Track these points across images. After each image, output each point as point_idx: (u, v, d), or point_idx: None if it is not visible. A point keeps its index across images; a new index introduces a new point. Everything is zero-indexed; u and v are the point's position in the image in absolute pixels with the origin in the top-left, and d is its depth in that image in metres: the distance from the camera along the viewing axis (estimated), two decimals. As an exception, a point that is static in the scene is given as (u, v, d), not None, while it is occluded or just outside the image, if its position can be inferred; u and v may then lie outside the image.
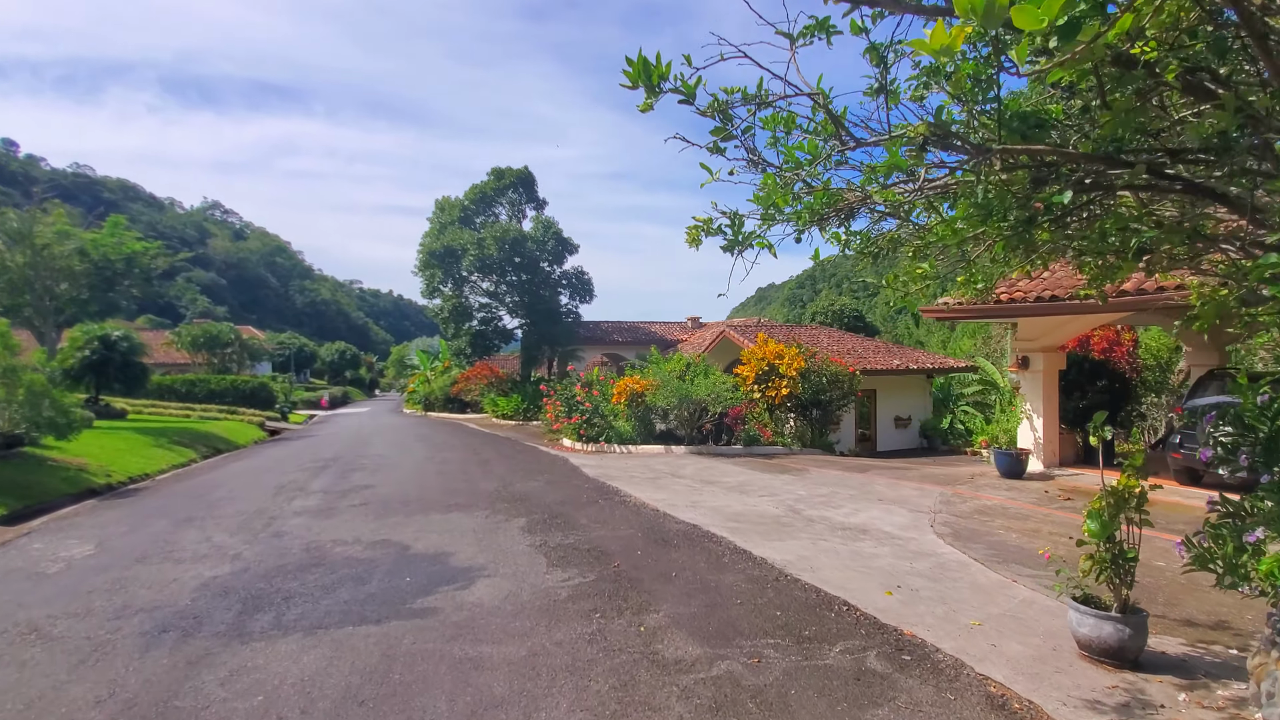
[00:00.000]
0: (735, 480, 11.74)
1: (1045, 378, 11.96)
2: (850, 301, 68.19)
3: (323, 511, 8.68)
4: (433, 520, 8.00)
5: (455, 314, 30.73)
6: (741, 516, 8.51)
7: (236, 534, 7.55)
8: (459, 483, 10.92)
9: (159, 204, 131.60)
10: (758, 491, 10.54)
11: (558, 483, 11.01)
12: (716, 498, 9.94)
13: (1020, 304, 11.07)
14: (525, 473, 12.20)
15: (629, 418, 16.81)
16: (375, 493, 10.02)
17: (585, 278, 31.05)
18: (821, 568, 6.07)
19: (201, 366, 40.37)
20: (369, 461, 14.10)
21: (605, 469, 12.88)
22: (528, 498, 9.49)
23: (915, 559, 6.57)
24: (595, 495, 9.77)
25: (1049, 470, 11.77)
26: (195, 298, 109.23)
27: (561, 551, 6.46)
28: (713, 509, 8.99)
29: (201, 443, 20.37)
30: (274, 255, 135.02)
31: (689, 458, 14.98)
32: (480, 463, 13.71)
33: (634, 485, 10.91)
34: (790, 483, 11.46)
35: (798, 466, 13.57)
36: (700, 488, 10.90)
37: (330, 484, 11.05)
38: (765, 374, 16.83)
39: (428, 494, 9.85)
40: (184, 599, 5.38)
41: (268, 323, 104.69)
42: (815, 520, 8.43)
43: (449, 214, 31.28)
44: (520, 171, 31.61)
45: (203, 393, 34.41)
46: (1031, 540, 7.41)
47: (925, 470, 13.00)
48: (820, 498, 9.99)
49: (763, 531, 7.61)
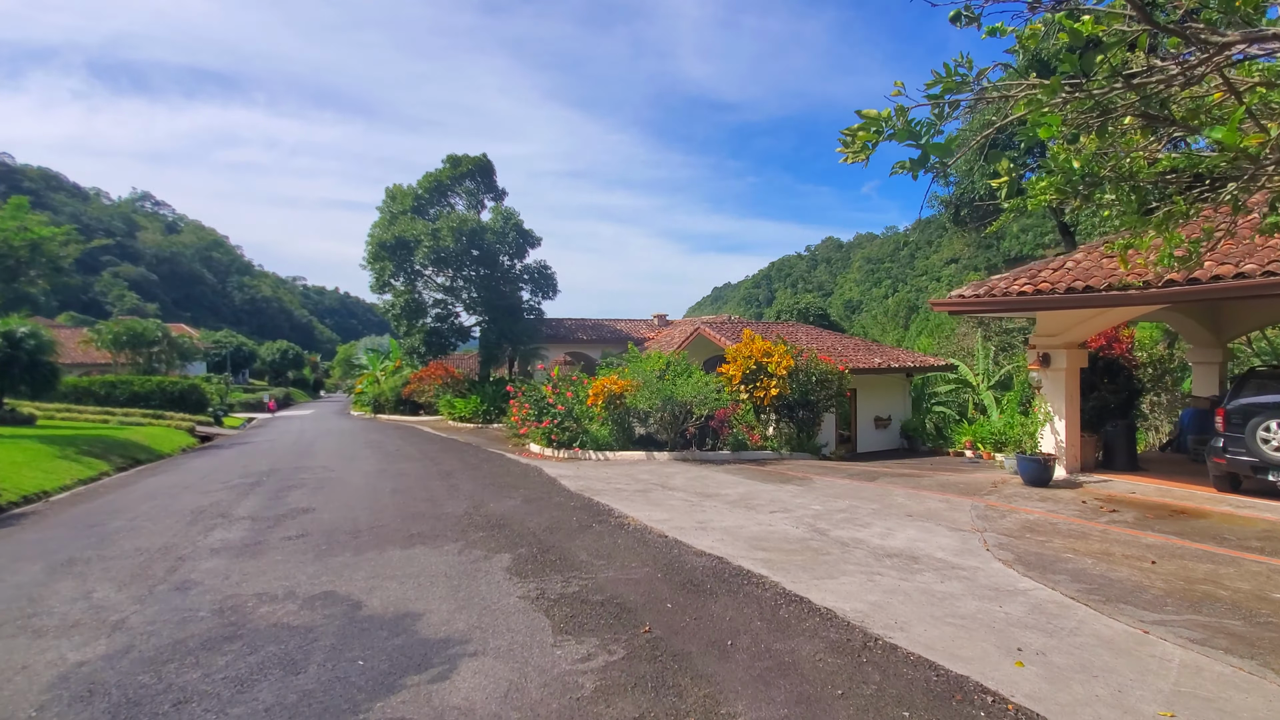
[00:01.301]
0: (736, 492, 10.36)
1: (1068, 376, 10.97)
2: (815, 299, 68.10)
3: (248, 548, 6.86)
4: (390, 559, 6.30)
5: (408, 310, 28.53)
6: (764, 541, 7.10)
7: (128, 585, 5.71)
8: (420, 503, 9.19)
9: (83, 194, 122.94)
10: (767, 506, 9.17)
11: (537, 500, 9.39)
12: (724, 515, 8.52)
13: (1047, 296, 10.00)
14: (497, 487, 10.53)
15: (606, 421, 15.26)
16: (317, 519, 8.21)
17: (548, 272, 29.30)
18: (907, 621, 4.69)
19: (125, 367, 36.80)
20: (310, 476, 12.16)
21: (586, 480, 11.32)
22: (506, 522, 7.86)
23: (1001, 599, 5.28)
24: (586, 517, 8.21)
25: (1073, 477, 10.78)
26: (123, 294, 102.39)
27: (567, 607, 4.89)
28: (726, 531, 7.56)
29: (118, 452, 17.92)
30: (210, 250, 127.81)
31: (675, 465, 13.54)
32: (442, 475, 11.94)
33: (625, 501, 9.39)
34: (798, 494, 10.14)
35: (797, 474, 12.29)
36: (700, 502, 9.47)
37: (261, 507, 9.16)
38: (753, 373, 15.53)
39: (383, 519, 8.10)
40: (24, 710, 3.62)
41: (204, 321, 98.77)
42: (850, 544, 7.09)
43: (401, 203, 29.04)
44: (478, 159, 29.61)
45: (125, 395, 31.22)
46: (1112, 567, 6.23)
47: (938, 478, 11.88)
48: (840, 513, 8.68)
49: (803, 563, 6.21)
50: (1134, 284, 9.16)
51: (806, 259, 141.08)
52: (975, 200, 24.78)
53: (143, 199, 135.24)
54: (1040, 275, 10.61)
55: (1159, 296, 9.10)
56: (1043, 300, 10.13)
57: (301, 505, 9.11)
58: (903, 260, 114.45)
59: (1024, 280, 10.64)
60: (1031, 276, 10.71)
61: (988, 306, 11.17)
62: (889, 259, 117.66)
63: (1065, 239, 24.64)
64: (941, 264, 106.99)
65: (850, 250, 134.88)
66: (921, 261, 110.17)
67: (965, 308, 11.43)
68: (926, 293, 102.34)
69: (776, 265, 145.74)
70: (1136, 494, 9.77)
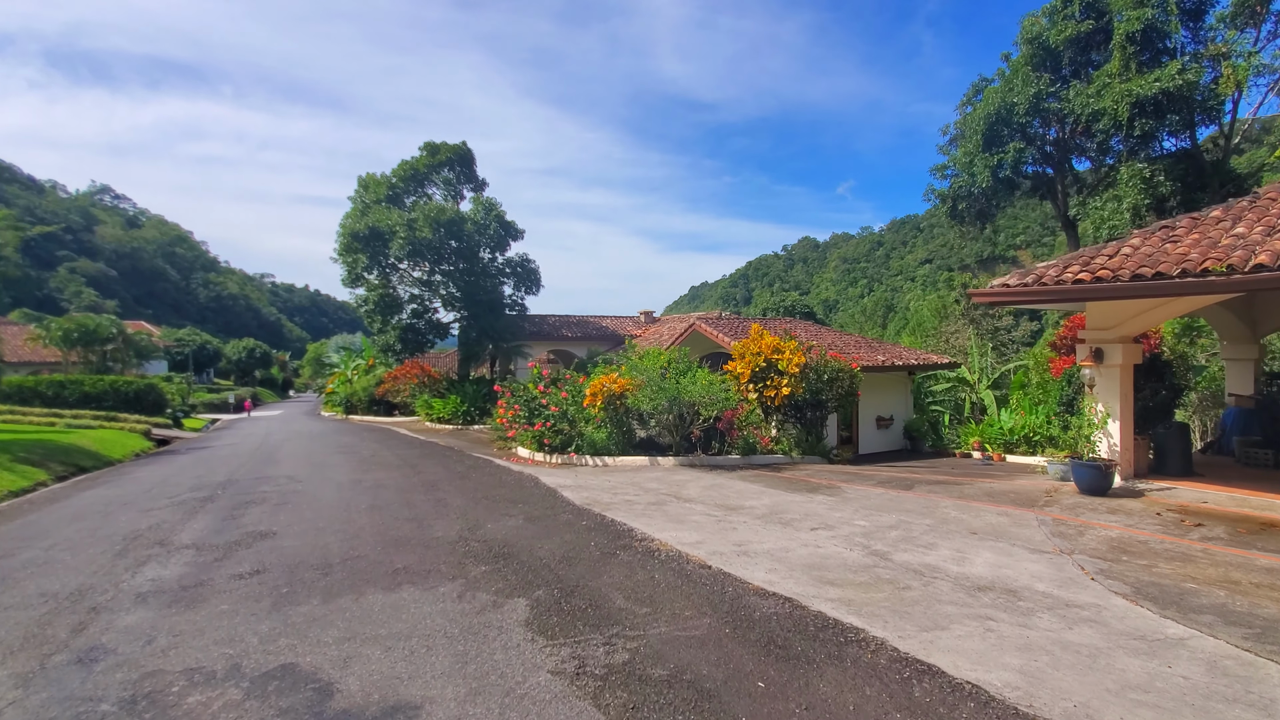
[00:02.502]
0: (762, 504, 9.10)
1: (1123, 373, 9.92)
2: (799, 298, 67.53)
3: (186, 592, 5.37)
4: (371, 607, 4.87)
5: (382, 305, 26.78)
6: (825, 571, 5.84)
7: (14, 655, 4.20)
8: (404, 523, 7.72)
9: (38, 186, 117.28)
10: (804, 522, 7.93)
11: (541, 518, 8.00)
12: (761, 535, 7.25)
13: (1109, 284, 8.90)
14: (491, 501, 9.10)
15: (604, 424, 13.90)
16: (277, 548, 6.71)
17: (531, 266, 27.77)
18: (1085, 700, 3.44)
19: (78, 366, 34.25)
20: (273, 488, 10.58)
21: (590, 491, 9.96)
22: (511, 549, 6.46)
23: (1161, 653, 4.09)
24: (605, 540, 6.85)
25: (1130, 484, 9.73)
26: (80, 290, 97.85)
27: (623, 690, 3.52)
28: (774, 558, 6.29)
29: (60, 459, 16.04)
30: (174, 245, 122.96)
31: (683, 472, 12.24)
32: (426, 487, 10.46)
33: (642, 518, 8.06)
34: (833, 507, 8.91)
35: (820, 481, 11.07)
36: (727, 518, 8.19)
37: (211, 530, 7.62)
38: (763, 371, 14.30)
39: (359, 547, 6.63)
40: None
41: (166, 319, 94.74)
42: (925, 573, 5.87)
43: (375, 192, 27.27)
44: (457, 147, 27.96)
45: (75, 396, 28.90)
46: (1256, 602, 5.12)
47: (979, 486, 10.75)
48: (893, 531, 7.47)
49: (890, 605, 4.95)
50: (1215, 270, 8.12)
51: (783, 258, 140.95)
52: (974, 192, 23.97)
53: (102, 192, 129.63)
54: (1095, 262, 9.53)
55: (1243, 284, 8.04)
56: (1103, 289, 9.03)
57: (260, 528, 7.58)
58: (878, 260, 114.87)
59: (1077, 267, 9.55)
60: (1085, 263, 9.62)
61: (1035, 296, 10.06)
62: (864, 259, 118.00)
63: (1069, 232, 23.97)
64: (916, 264, 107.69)
65: (826, 250, 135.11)
66: (896, 261, 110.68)
67: (1009, 298, 10.32)
68: (901, 292, 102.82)
69: (753, 264, 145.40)
70: (1209, 504, 8.74)
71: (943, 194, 25.90)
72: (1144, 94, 17.61)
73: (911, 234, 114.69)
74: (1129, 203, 17.96)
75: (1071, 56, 20.29)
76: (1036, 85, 20.67)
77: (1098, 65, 20.35)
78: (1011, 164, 21.27)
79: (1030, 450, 17.03)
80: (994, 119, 21.30)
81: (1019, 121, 21.01)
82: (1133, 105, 17.86)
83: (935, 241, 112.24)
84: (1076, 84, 20.53)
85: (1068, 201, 23.11)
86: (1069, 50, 20.13)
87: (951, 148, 26.34)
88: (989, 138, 21.66)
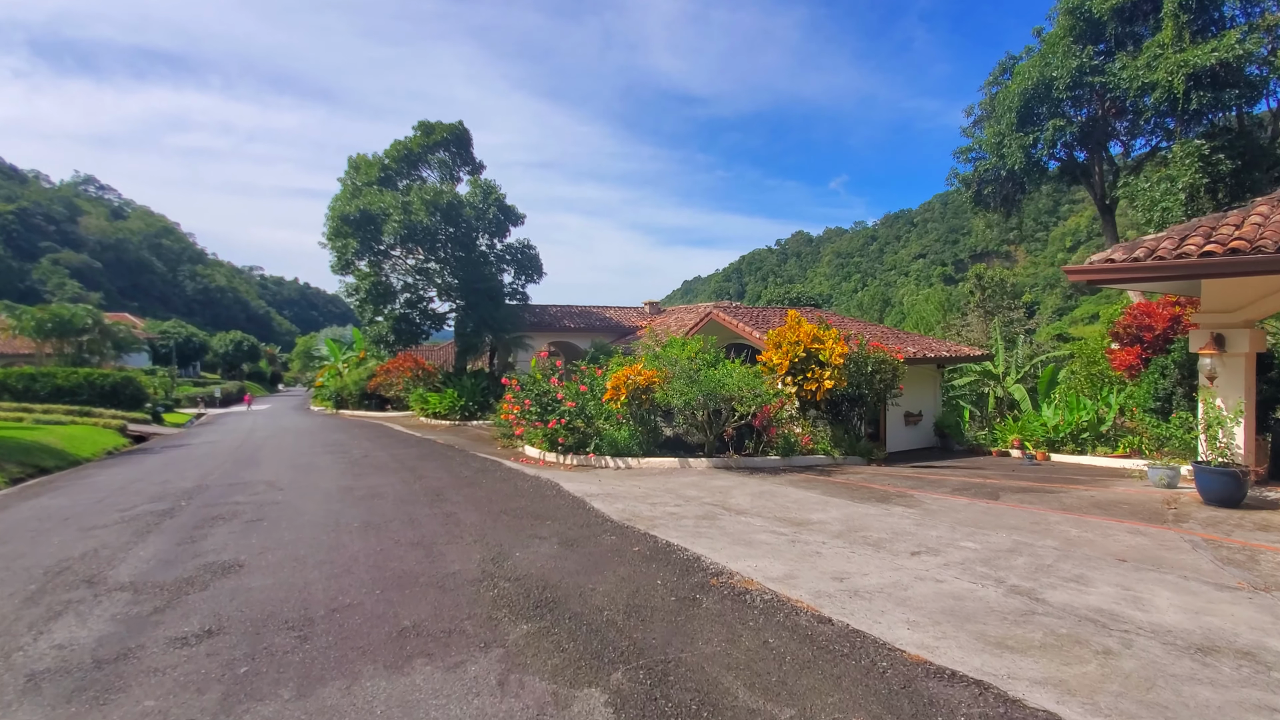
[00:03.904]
0: (831, 518, 7.52)
1: (1247, 364, 8.41)
2: (804, 289, 66.22)
3: (99, 673, 3.68)
4: (370, 710, 3.23)
5: (374, 294, 24.92)
6: (976, 622, 4.27)
7: None
8: (408, 551, 6.05)
9: (20, 176, 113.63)
10: (896, 543, 6.36)
11: (578, 540, 6.36)
12: (855, 562, 5.69)
13: (1246, 258, 7.37)
14: (512, 517, 7.44)
15: (626, 421, 12.27)
16: (241, 590, 5.03)
17: (531, 252, 25.98)
18: None
19: (53, 358, 32.13)
20: (248, 498, 8.86)
21: (622, 501, 8.34)
22: (555, 594, 4.81)
23: None
24: (671, 575, 5.23)
25: (1260, 493, 8.24)
26: (64, 281, 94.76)
27: None
28: (896, 599, 4.75)
29: (18, 459, 14.23)
30: (160, 237, 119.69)
31: (721, 476, 10.63)
32: (431, 496, 8.78)
33: (700, 538, 6.45)
34: (920, 522, 7.35)
35: (886, 489, 9.50)
36: (799, 537, 6.61)
37: (159, 561, 5.91)
38: (802, 362, 12.72)
39: (351, 591, 4.96)
40: None
41: (152, 311, 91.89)
42: (1104, 623, 4.33)
43: (366, 174, 25.38)
44: (453, 127, 26.10)
45: (47, 390, 26.91)
46: None
47: (1077, 494, 9.20)
48: (1015, 556, 5.93)
49: (1124, 691, 3.38)
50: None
51: (776, 253, 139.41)
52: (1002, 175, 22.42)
53: (86, 183, 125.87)
54: (1220, 232, 8.01)
55: None
56: (1242, 263, 7.48)
57: (223, 557, 5.88)
58: (871, 255, 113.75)
59: (1199, 239, 8.01)
60: (1206, 235, 8.10)
61: (1145, 273, 8.50)
62: (858, 253, 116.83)
63: (1105, 217, 22.50)
64: (910, 258, 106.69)
65: (820, 244, 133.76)
66: (890, 256, 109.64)
67: (1113, 275, 8.75)
68: (895, 286, 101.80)
69: (747, 259, 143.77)
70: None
71: (966, 178, 24.38)
72: (1201, 64, 16.12)
73: (905, 228, 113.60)
74: (1184, 182, 16.50)
75: (1115, 28, 18.77)
76: (1079, 58, 19.16)
77: (1142, 38, 18.88)
78: (1049, 143, 19.78)
79: (1078, 449, 15.60)
80: (1030, 95, 19.77)
81: (1058, 97, 19.49)
82: (1189, 77, 16.38)
83: (929, 236, 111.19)
84: (1123, 55, 19.03)
85: (1104, 184, 21.67)
86: (1113, 21, 18.58)
87: (976, 130, 24.85)
88: (1023, 116, 20.15)
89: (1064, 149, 21.53)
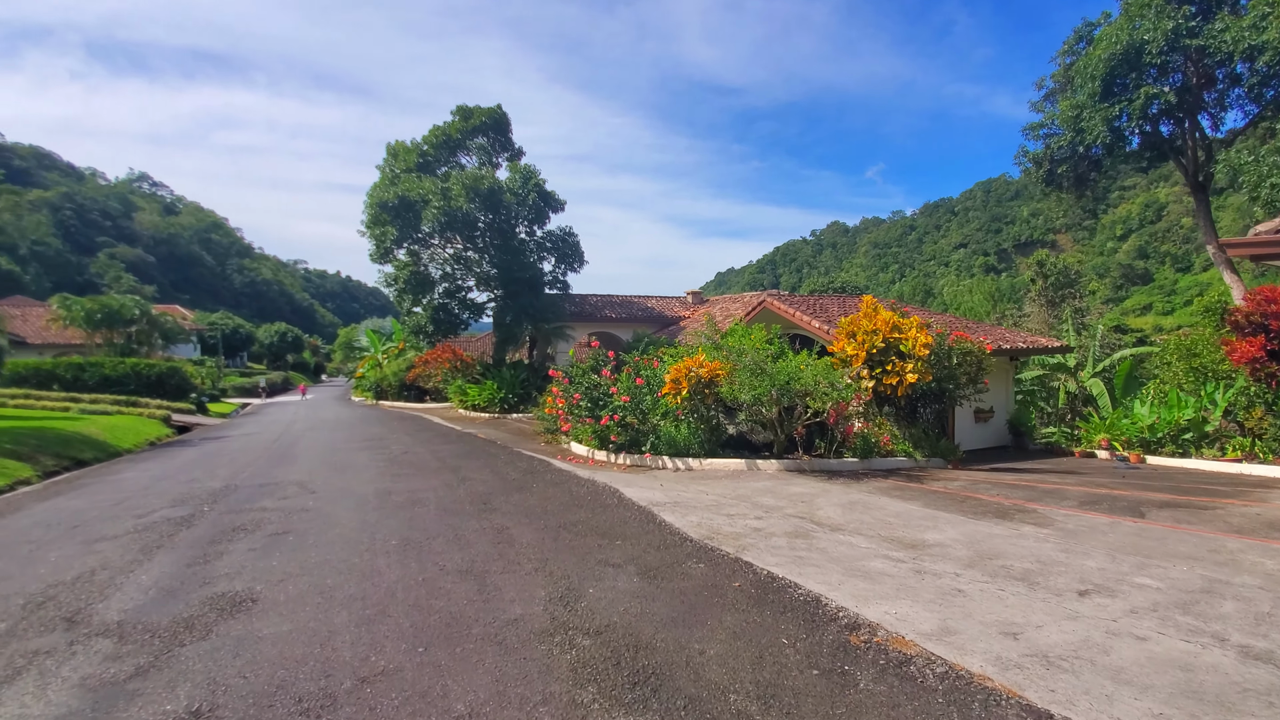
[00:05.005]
0: (951, 540, 6.14)
1: None
2: (847, 278, 64.12)
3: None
4: None
5: (412, 284, 24.07)
6: (1239, 715, 2.92)
7: None
8: (455, 583, 4.90)
9: (78, 174, 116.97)
10: (1050, 577, 5.02)
11: (661, 571, 5.13)
12: (1016, 605, 4.37)
13: None
14: (573, 534, 6.25)
15: (685, 418, 11.01)
16: (247, 641, 3.92)
17: (572, 239, 24.81)
18: None
19: (103, 348, 32.24)
20: (275, 504, 7.86)
21: (694, 512, 7.10)
22: (653, 664, 3.55)
23: None
24: (795, 629, 3.96)
25: None
26: (120, 275, 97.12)
27: None
28: (1104, 670, 3.44)
29: (55, 451, 13.69)
30: (209, 232, 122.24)
31: (797, 481, 9.31)
32: (477, 504, 7.66)
33: (806, 567, 5.17)
34: (1066, 548, 5.94)
35: (999, 500, 8.05)
36: (921, 565, 5.30)
37: (160, 590, 4.87)
38: (881, 353, 11.29)
39: (386, 649, 3.80)
40: None
41: (202, 303, 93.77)
42: None
43: (404, 160, 24.49)
44: (492, 111, 25.03)
45: (95, 379, 26.87)
46: None
47: (1237, 510, 7.63)
48: (1218, 599, 4.56)
49: None
50: None
51: (811, 244, 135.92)
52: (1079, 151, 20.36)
53: (140, 179, 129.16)
54: None
55: None
56: None
57: (235, 586, 4.82)
58: (910, 245, 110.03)
59: None
60: None
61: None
62: (896, 243, 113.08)
63: (1197, 196, 20.34)
64: (950, 248, 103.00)
65: (856, 235, 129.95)
66: (929, 246, 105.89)
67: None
68: (935, 277, 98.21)
69: (781, 250, 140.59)
70: None
71: (1037, 156, 22.35)
72: (1321, 22, 14.13)
73: (945, 217, 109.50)
74: (1304, 155, 14.54)
75: (1215, -16, 16.71)
76: (1174, 18, 17.08)
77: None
78: (1138, 114, 17.72)
79: (1179, 451, 13.88)
80: (1117, 62, 17.73)
81: (1150, 63, 17.43)
82: (1307, 38, 14.35)
83: (970, 225, 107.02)
84: (1224, 15, 16.92)
85: (1197, 160, 19.52)
86: (1213, -25, 16.56)
87: (1048, 104, 22.75)
88: (1107, 85, 18.12)
89: (1148, 123, 19.43)
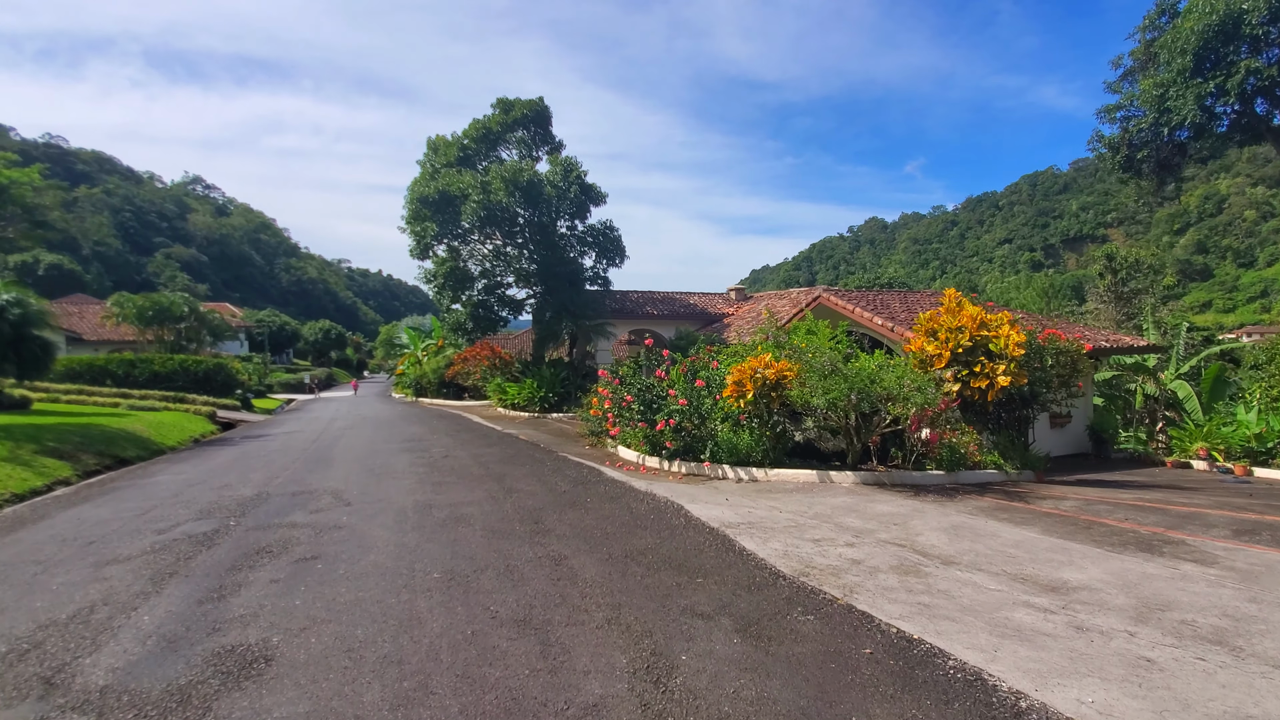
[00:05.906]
0: (1098, 581, 4.95)
1: None
2: (896, 273, 62.04)
3: None
4: None
5: (452, 280, 23.46)
6: None
7: None
8: (512, 642, 3.94)
9: (136, 177, 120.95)
10: (1259, 641, 3.75)
11: (765, 628, 4.08)
12: (1242, 690, 3.14)
13: None
14: (644, 569, 5.24)
15: (748, 423, 9.92)
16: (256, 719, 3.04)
17: (614, 234, 23.87)
18: None
19: (154, 345, 32.60)
20: (307, 519, 7.05)
21: (774, 538, 6.02)
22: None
23: None
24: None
25: None
26: (175, 274, 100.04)
27: None
28: None
29: (98, 449, 13.30)
30: (258, 232, 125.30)
31: (880, 497, 8.14)
32: (528, 525, 6.72)
33: (943, 624, 4.03)
34: (1253, 595, 4.70)
35: (1135, 527, 6.73)
36: (1076, 615, 4.19)
37: (159, 640, 4.02)
38: (967, 353, 10.03)
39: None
40: None
41: (251, 301, 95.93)
42: None
43: (444, 155, 23.88)
44: (533, 103, 24.24)
45: (145, 376, 27.08)
46: None
47: None
48: None
49: None
50: None
51: (849, 240, 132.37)
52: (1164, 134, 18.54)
53: (194, 182, 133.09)
54: None
55: None
56: None
57: (248, 638, 3.94)
58: (951, 241, 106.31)
59: None
60: None
61: None
62: (937, 239, 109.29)
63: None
64: (994, 244, 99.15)
65: (895, 231, 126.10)
66: (972, 242, 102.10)
67: None
68: (978, 274, 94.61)
69: (817, 247, 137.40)
70: None
71: (1113, 140, 20.51)
72: None
73: (989, 212, 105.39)
74: None
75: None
76: (1280, -17, 15.29)
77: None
78: (1235, 90, 15.89)
79: None
80: (1212, 34, 15.94)
81: (1250, 34, 15.60)
82: None
83: (1015, 220, 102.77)
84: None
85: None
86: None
87: (1126, 84, 20.86)
88: (1200, 59, 16.33)
89: (1241, 101, 17.53)
